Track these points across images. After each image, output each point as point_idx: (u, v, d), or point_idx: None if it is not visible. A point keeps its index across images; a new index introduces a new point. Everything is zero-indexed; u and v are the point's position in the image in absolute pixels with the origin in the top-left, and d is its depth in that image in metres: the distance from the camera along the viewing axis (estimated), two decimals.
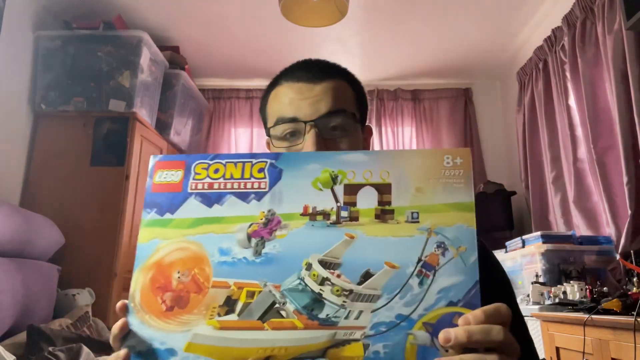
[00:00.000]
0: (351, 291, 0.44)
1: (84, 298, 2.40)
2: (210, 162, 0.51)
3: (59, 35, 2.81)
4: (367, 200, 0.46)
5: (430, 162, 0.47)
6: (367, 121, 0.83)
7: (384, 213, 0.46)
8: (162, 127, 3.20)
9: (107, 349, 2.03)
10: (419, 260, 0.44)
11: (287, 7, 2.44)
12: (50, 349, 1.75)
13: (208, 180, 0.50)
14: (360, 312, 0.43)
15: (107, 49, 2.80)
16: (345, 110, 0.73)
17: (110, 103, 2.74)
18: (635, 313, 1.34)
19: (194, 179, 0.50)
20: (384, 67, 3.70)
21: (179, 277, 0.47)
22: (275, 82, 0.79)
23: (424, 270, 0.44)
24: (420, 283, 0.43)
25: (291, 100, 0.73)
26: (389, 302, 0.43)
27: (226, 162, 0.50)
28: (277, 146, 0.74)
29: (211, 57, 3.55)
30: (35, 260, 2.27)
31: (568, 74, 2.67)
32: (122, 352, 0.45)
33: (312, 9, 2.49)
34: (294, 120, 0.72)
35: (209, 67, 3.72)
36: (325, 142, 0.70)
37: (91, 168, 2.69)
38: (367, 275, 0.44)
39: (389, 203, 0.46)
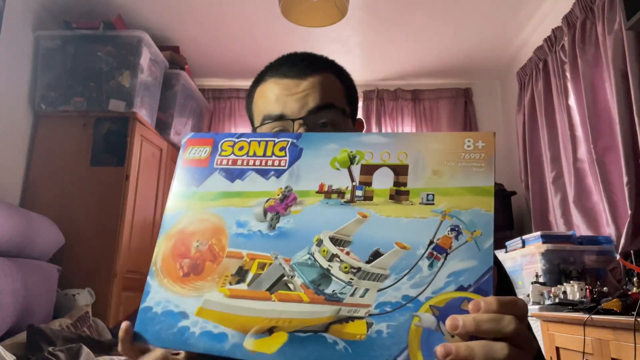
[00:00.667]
0: (359, 269, 0.44)
1: (84, 298, 2.40)
2: (236, 140, 0.54)
3: (59, 35, 2.81)
4: (382, 181, 0.47)
5: (450, 146, 0.46)
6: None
7: (398, 194, 0.46)
8: (162, 127, 3.20)
9: (107, 349, 2.03)
10: (431, 242, 0.43)
11: (287, 7, 2.44)
12: (50, 349, 1.75)
13: (233, 156, 0.53)
14: (367, 290, 0.43)
15: (107, 49, 2.80)
16: (334, 104, 0.71)
17: (110, 103, 2.74)
18: (635, 313, 1.34)
19: (220, 155, 0.53)
20: (384, 67, 3.70)
21: (197, 246, 0.49)
22: (260, 79, 0.76)
23: (434, 252, 0.43)
24: (430, 265, 0.42)
25: (277, 97, 0.70)
26: (397, 282, 0.42)
27: (250, 141, 0.53)
28: None
29: (211, 57, 3.55)
30: (35, 260, 2.27)
31: (568, 74, 2.67)
32: (124, 323, 0.47)
33: (312, 9, 2.49)
34: (281, 117, 0.69)
35: (209, 67, 3.72)
36: None
37: (91, 168, 2.69)
38: (376, 255, 0.44)
39: (405, 184, 0.46)
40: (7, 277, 1.96)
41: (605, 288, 1.87)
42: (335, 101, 0.72)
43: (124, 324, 0.47)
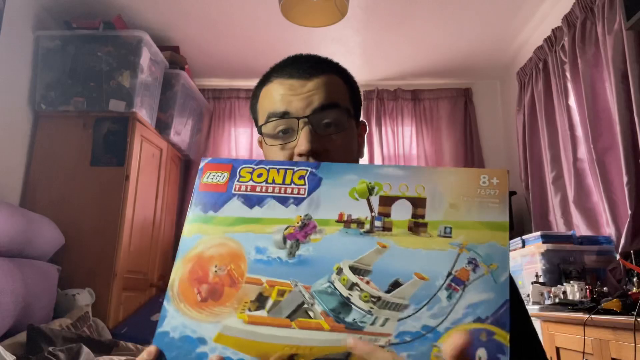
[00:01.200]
0: (379, 298, 0.45)
1: (84, 298, 2.40)
2: (255, 167, 0.54)
3: (59, 35, 2.81)
4: (401, 213, 0.48)
5: (466, 181, 0.48)
6: (367, 121, 0.82)
7: (417, 225, 0.47)
8: (162, 127, 3.20)
9: (107, 349, 2.03)
10: (449, 274, 0.44)
11: (287, 7, 2.44)
12: (50, 349, 1.75)
13: (251, 183, 0.53)
14: (387, 319, 0.44)
15: (107, 49, 2.80)
16: (339, 104, 0.71)
17: (110, 103, 2.74)
18: (635, 313, 1.34)
19: (238, 181, 0.53)
20: (384, 67, 3.70)
21: (215, 271, 0.49)
22: (265, 79, 0.76)
23: (453, 284, 0.44)
24: (449, 297, 0.43)
25: (282, 97, 0.71)
26: (416, 312, 0.43)
27: (269, 168, 0.54)
28: (269, 144, 0.72)
29: (211, 57, 3.55)
30: (35, 260, 2.27)
31: (568, 74, 2.67)
32: (153, 347, 0.46)
33: (312, 8, 2.49)
34: (285, 115, 0.70)
35: (209, 67, 3.72)
36: (320, 139, 0.68)
37: (91, 168, 2.69)
38: (395, 285, 0.45)
39: (423, 216, 0.47)
40: (7, 277, 1.96)
41: (605, 288, 1.88)
42: (340, 101, 0.72)
43: (153, 349, 0.46)
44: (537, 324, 1.93)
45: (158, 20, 3.07)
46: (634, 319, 1.33)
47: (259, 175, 0.53)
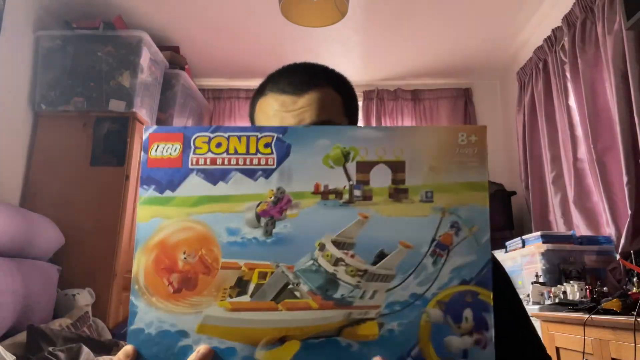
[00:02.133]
0: (365, 271, 0.44)
1: (84, 298, 2.40)
2: (212, 135, 0.47)
3: (59, 35, 2.81)
4: (380, 179, 0.46)
5: (445, 140, 0.46)
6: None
7: (397, 192, 0.45)
8: None
9: (107, 349, 2.03)
10: (433, 239, 0.44)
11: (287, 7, 2.44)
12: (50, 349, 1.75)
13: (210, 155, 0.47)
14: (375, 291, 0.44)
15: (107, 49, 2.80)
16: (331, 120, 0.72)
17: (110, 103, 2.74)
18: (635, 313, 1.34)
19: (194, 153, 0.47)
20: (384, 67, 3.70)
21: (185, 258, 0.45)
22: (261, 90, 0.78)
23: (437, 250, 0.44)
24: (434, 262, 0.44)
25: (275, 113, 0.72)
26: (404, 281, 0.44)
27: (229, 136, 0.47)
28: None
29: (211, 57, 3.55)
30: (35, 260, 2.26)
31: (568, 74, 2.67)
32: (129, 347, 0.44)
33: (312, 8, 2.49)
34: None
35: (209, 67, 3.72)
36: None
37: (91, 168, 2.69)
38: (381, 255, 0.44)
39: (403, 181, 0.45)
40: (7, 277, 1.96)
41: (605, 288, 1.88)
42: (332, 117, 0.73)
43: (130, 348, 0.44)
44: (537, 324, 1.94)
45: (158, 20, 3.07)
46: (634, 319, 1.33)
47: (218, 145, 0.47)
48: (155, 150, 0.47)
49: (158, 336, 0.44)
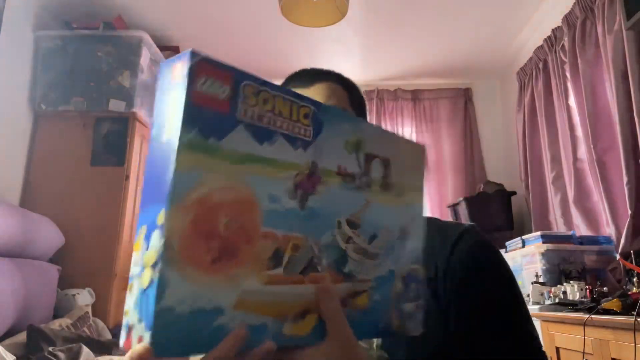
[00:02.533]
0: (366, 250, 0.49)
1: (84, 298, 2.40)
2: (261, 88, 0.42)
3: (59, 35, 2.81)
4: (376, 171, 0.51)
5: (411, 153, 0.57)
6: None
7: (386, 184, 0.52)
8: None
9: (107, 349, 2.03)
10: (402, 227, 0.54)
11: (287, 7, 2.44)
12: (50, 349, 1.75)
13: (258, 110, 0.41)
14: (368, 267, 0.50)
15: (107, 49, 2.80)
16: (338, 106, 0.74)
17: (110, 103, 2.74)
18: (635, 313, 1.34)
19: (244, 102, 0.40)
20: (384, 67, 3.70)
21: (226, 223, 0.39)
22: None
23: (403, 235, 0.54)
24: (402, 245, 0.54)
25: None
26: (384, 260, 0.51)
27: (275, 95, 0.43)
28: None
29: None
30: (35, 260, 2.27)
31: (568, 74, 2.67)
32: (143, 348, 0.35)
33: (312, 9, 2.49)
34: None
35: None
36: None
37: (91, 168, 2.69)
38: (373, 237, 0.50)
39: (389, 176, 0.53)
40: (7, 277, 1.96)
41: (605, 288, 1.87)
42: (339, 104, 0.75)
43: (142, 347, 0.35)
44: (537, 324, 1.94)
45: (158, 20, 3.07)
46: (634, 319, 1.33)
47: (265, 102, 0.42)
48: (203, 84, 0.38)
49: (192, 315, 0.36)
